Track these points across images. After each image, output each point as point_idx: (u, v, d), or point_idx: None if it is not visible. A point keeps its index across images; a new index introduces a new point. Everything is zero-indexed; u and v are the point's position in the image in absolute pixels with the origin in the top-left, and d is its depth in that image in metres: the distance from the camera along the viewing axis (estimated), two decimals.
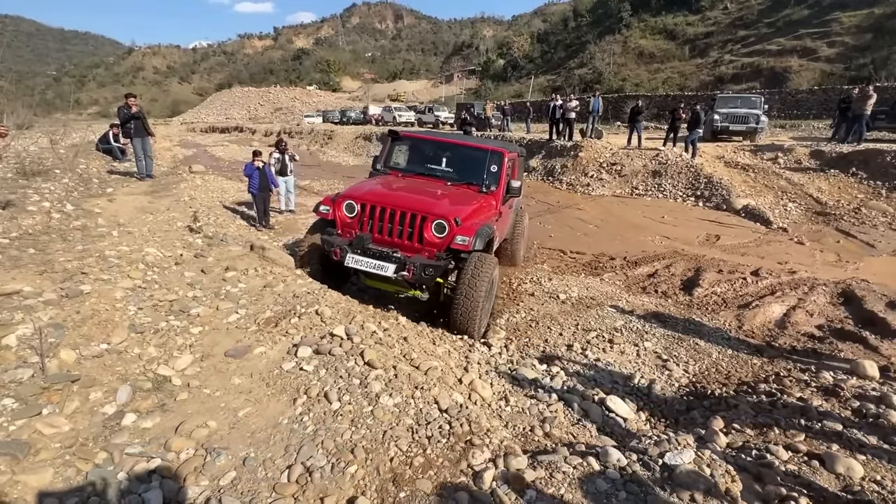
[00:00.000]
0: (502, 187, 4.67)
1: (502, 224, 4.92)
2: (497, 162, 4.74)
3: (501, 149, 4.85)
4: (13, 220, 4.34)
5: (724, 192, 10.23)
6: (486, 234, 3.89)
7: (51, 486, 1.50)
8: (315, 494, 1.62)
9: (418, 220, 3.75)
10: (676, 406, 3.29)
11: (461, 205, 4.10)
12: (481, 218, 4.11)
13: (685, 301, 5.29)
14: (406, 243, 3.80)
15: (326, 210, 4.07)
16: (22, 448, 1.56)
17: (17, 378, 1.89)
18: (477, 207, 4.22)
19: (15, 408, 1.74)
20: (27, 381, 1.88)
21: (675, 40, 45.11)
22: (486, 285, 3.66)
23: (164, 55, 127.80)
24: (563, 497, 1.60)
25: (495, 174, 4.69)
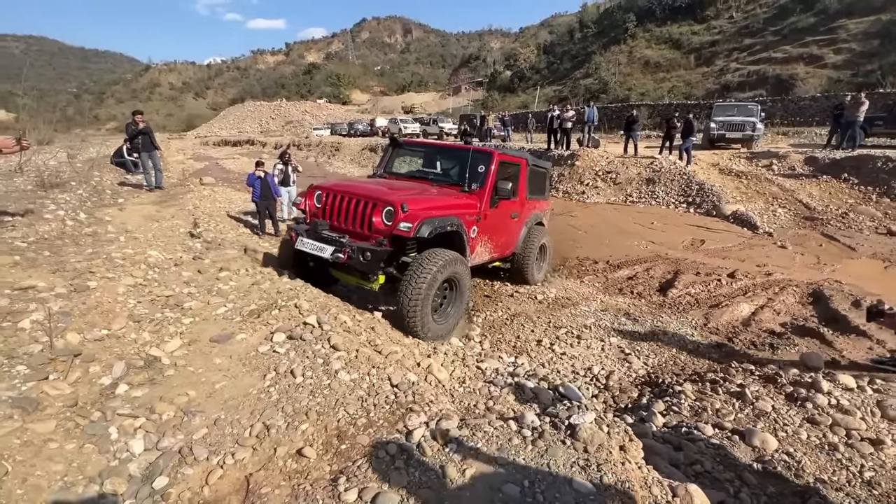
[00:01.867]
0: (488, 188, 4.47)
1: (490, 228, 4.63)
2: (484, 162, 4.57)
3: (491, 150, 4.78)
4: (31, 226, 4.78)
5: (714, 198, 10.42)
6: (437, 224, 3.72)
7: (53, 435, 1.83)
8: (270, 445, 1.94)
9: (369, 207, 3.76)
10: (629, 393, 3.55)
11: (420, 197, 4.04)
12: (444, 212, 3.96)
13: (658, 301, 5.52)
14: (357, 230, 3.82)
15: (299, 200, 4.35)
16: (31, 403, 1.91)
17: (29, 351, 2.25)
18: (441, 202, 4.10)
19: (26, 373, 2.09)
20: (37, 354, 2.24)
21: (681, 49, 45.35)
22: (427, 280, 3.50)
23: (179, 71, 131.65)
24: (479, 448, 1.89)
25: (481, 174, 4.51)
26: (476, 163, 4.59)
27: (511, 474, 1.74)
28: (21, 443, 1.75)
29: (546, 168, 6.23)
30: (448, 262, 3.73)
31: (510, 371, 3.60)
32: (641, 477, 1.78)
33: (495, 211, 4.65)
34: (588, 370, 3.91)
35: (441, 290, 3.90)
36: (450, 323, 4.03)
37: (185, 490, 1.71)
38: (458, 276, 3.92)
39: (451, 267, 3.78)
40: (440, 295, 3.94)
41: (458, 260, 3.88)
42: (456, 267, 3.84)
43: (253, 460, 1.87)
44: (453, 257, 3.80)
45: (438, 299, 3.93)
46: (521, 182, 5.23)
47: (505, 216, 4.96)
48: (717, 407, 3.00)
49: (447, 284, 3.95)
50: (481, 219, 4.42)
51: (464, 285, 4.05)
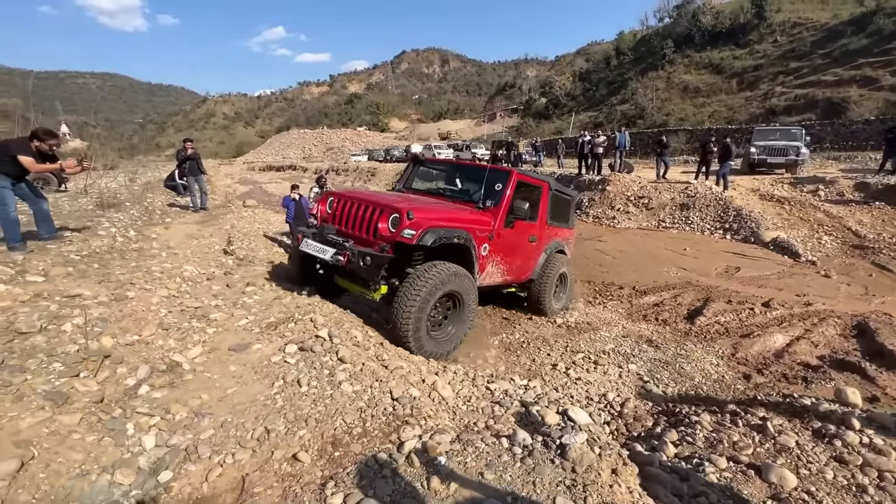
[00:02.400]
0: (503, 207, 4.34)
1: (504, 249, 4.46)
2: (502, 181, 4.48)
3: (510, 169, 4.72)
4: (85, 241, 5.25)
5: (753, 224, 9.99)
6: (442, 234, 3.58)
7: (77, 427, 2.01)
8: (269, 448, 2.03)
9: (376, 213, 3.71)
10: (643, 422, 3.42)
11: (429, 207, 3.97)
12: (453, 224, 3.83)
13: (684, 329, 5.32)
14: (363, 236, 3.78)
15: (313, 205, 4.54)
16: (61, 397, 2.10)
17: (66, 351, 2.48)
18: (452, 215, 3.98)
19: (61, 370, 2.31)
20: (72, 354, 2.46)
21: (722, 74, 44.42)
22: (423, 292, 3.37)
23: (232, 102, 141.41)
24: (468, 463, 1.91)
25: (497, 192, 4.41)
26: (493, 181, 4.51)
27: (495, 490, 1.75)
28: (49, 432, 1.93)
29: (571, 196, 6.07)
30: (449, 276, 3.57)
31: (521, 394, 3.56)
32: (630, 501, 1.73)
33: (510, 231, 4.47)
34: (603, 396, 3.81)
35: (443, 307, 3.79)
36: (449, 341, 3.84)
37: (186, 485, 1.82)
38: (461, 293, 3.74)
39: (453, 281, 3.60)
40: (442, 311, 3.82)
41: (462, 275, 3.71)
42: (459, 282, 3.67)
43: (251, 461, 1.96)
44: (455, 271, 3.64)
45: (440, 315, 3.81)
46: (542, 206, 5.11)
47: (521, 238, 4.78)
48: (735, 439, 2.85)
49: (450, 301, 3.81)
50: (494, 237, 4.25)
51: (468, 303, 3.86)
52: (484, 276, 4.30)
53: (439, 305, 3.70)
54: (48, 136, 4.66)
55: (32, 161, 4.48)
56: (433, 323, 3.70)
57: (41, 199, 4.93)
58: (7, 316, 2.91)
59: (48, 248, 4.69)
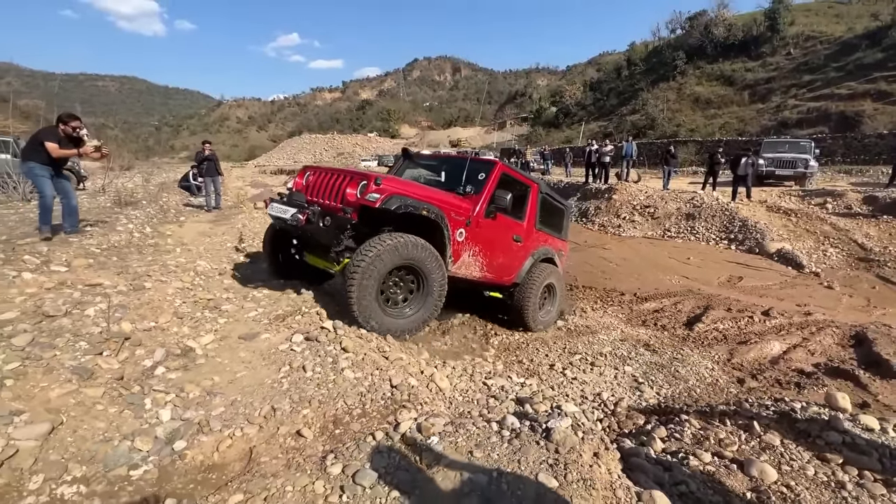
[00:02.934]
0: (484, 195, 4.21)
1: (483, 240, 4.26)
2: (485, 170, 4.41)
3: (495, 160, 4.67)
4: (104, 236, 5.49)
5: (758, 235, 10.02)
6: (410, 203, 3.42)
7: (100, 399, 2.18)
8: (274, 424, 2.19)
9: (346, 180, 3.62)
10: (635, 420, 3.51)
11: (403, 181, 3.91)
12: (426, 199, 3.68)
13: (682, 334, 5.39)
14: (330, 203, 3.68)
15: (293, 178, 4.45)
16: (87, 372, 2.28)
17: (90, 332, 2.67)
18: (427, 192, 3.86)
19: (86, 348, 2.49)
20: (96, 335, 2.65)
21: (734, 86, 44.31)
22: (369, 256, 3.20)
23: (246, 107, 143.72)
24: (458, 443, 2.04)
25: (480, 182, 4.31)
26: (477, 170, 4.44)
27: (483, 467, 1.88)
28: (75, 402, 2.10)
29: (565, 206, 5.92)
30: (403, 245, 3.33)
31: (517, 390, 3.68)
32: (608, 480, 1.86)
33: (491, 223, 4.30)
34: (597, 395, 3.91)
35: (405, 284, 3.65)
36: (407, 321, 3.61)
37: (198, 453, 1.98)
38: (422, 269, 3.53)
39: (411, 253, 3.38)
40: (404, 289, 3.67)
41: (424, 248, 3.49)
42: (419, 255, 3.44)
43: (258, 435, 2.12)
44: (415, 242, 3.41)
45: (400, 292, 3.66)
46: (529, 207, 4.97)
47: (503, 233, 4.58)
48: (721, 437, 2.94)
49: (413, 278, 3.64)
50: (472, 224, 4.07)
51: (432, 284, 3.64)
52: (459, 266, 4.09)
53: (401, 281, 3.59)
54: (70, 119, 4.98)
55: (55, 146, 4.78)
56: (391, 300, 3.57)
57: (73, 194, 5.25)
58: (34, 301, 3.11)
59: (70, 241, 4.93)
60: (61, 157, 4.88)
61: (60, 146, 4.83)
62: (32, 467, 1.72)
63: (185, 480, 1.84)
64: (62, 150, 4.88)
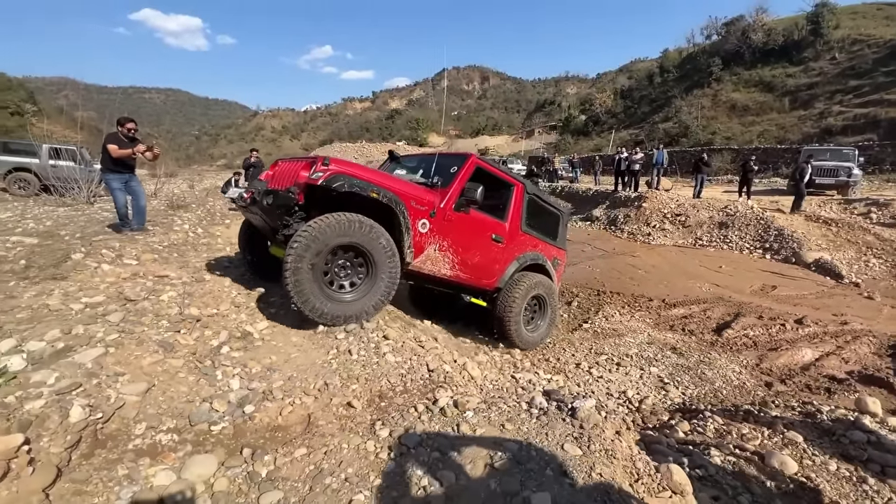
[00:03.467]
0: (453, 186, 3.95)
1: (452, 234, 3.98)
2: (457, 163, 4.18)
3: (469, 154, 4.43)
4: (165, 234, 6.02)
5: (795, 244, 9.77)
6: (356, 183, 3.22)
7: (181, 369, 2.53)
8: (328, 396, 2.48)
9: (302, 165, 3.49)
10: (659, 416, 3.63)
11: (361, 167, 3.66)
12: (383, 185, 3.45)
13: (710, 340, 5.42)
14: (283, 186, 3.53)
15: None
16: (169, 346, 2.64)
17: (168, 313, 3.05)
18: (388, 179, 3.66)
19: (167, 326, 2.87)
20: (174, 315, 3.03)
21: (773, 92, 42.88)
22: (307, 233, 3.00)
23: (280, 117, 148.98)
24: (492, 417, 2.27)
25: (451, 174, 4.07)
26: (449, 163, 4.24)
27: (513, 437, 2.10)
28: (162, 370, 2.46)
29: (559, 210, 5.47)
30: (344, 223, 3.10)
31: (544, 384, 3.86)
32: (629, 454, 2.04)
33: (463, 217, 4.03)
34: (622, 393, 4.04)
35: (353, 266, 3.37)
36: (349, 306, 3.27)
37: (265, 416, 2.29)
38: (369, 250, 3.26)
39: (350, 230, 3.14)
40: (352, 272, 3.38)
41: (371, 228, 3.24)
42: (363, 236, 3.20)
43: (315, 404, 2.41)
44: (357, 220, 3.17)
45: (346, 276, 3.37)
46: (513, 206, 4.61)
47: (479, 231, 4.25)
48: (744, 432, 3.04)
49: (362, 261, 3.36)
50: (436, 215, 3.81)
51: (381, 267, 3.34)
52: (423, 260, 3.80)
53: (350, 263, 3.34)
54: (126, 121, 5.63)
55: (115, 147, 5.40)
56: (336, 283, 3.31)
57: (143, 196, 5.87)
58: (116, 288, 3.55)
59: (137, 239, 5.45)
60: (121, 157, 5.45)
61: (120, 147, 5.41)
62: (135, 417, 2.06)
63: (255, 436, 2.14)
64: (121, 151, 5.46)
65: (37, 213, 7.52)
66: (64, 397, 1.94)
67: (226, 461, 1.91)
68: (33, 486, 1.52)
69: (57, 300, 3.15)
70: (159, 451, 1.93)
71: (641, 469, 1.96)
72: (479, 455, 1.97)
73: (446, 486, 1.80)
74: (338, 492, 1.78)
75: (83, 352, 2.36)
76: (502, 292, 4.59)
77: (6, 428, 1.68)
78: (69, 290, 3.39)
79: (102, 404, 2.01)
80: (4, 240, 4.88)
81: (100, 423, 1.93)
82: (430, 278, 4.09)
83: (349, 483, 1.82)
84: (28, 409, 1.82)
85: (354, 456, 1.98)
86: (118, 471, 1.74)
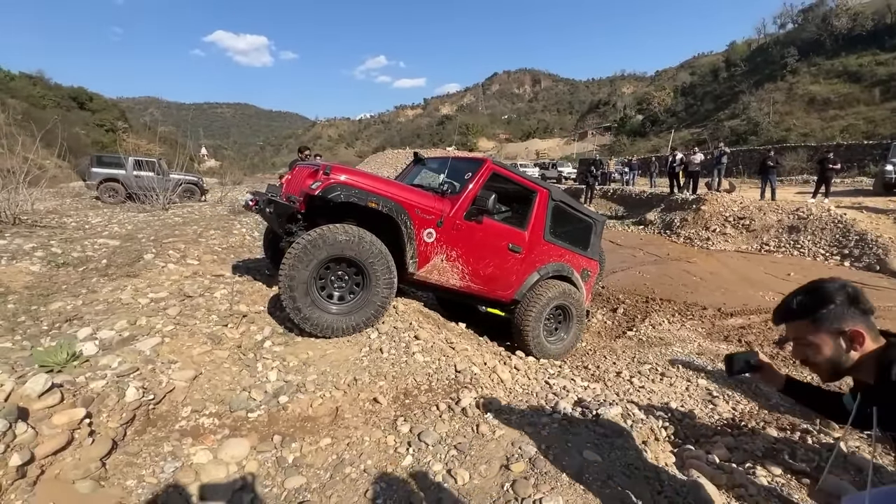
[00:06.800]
0: (465, 194, 3.76)
1: (463, 244, 3.82)
2: (471, 169, 3.99)
3: (485, 159, 4.22)
4: (225, 237, 6.53)
5: (879, 251, 8.78)
6: (354, 193, 3.16)
7: (226, 360, 2.75)
8: (356, 391, 2.58)
9: (312, 172, 3.43)
10: (703, 431, 3.41)
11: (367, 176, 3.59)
12: (387, 194, 3.39)
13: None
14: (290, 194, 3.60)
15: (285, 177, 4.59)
16: (217, 338, 2.88)
17: (218, 309, 3.33)
18: (393, 188, 3.54)
19: (216, 320, 3.13)
20: (223, 311, 3.30)
21: (860, 83, 38.83)
22: (298, 249, 2.96)
23: (337, 126, 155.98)
24: (513, 420, 2.26)
25: (465, 181, 3.90)
26: (463, 169, 4.09)
27: (532, 440, 2.09)
28: (209, 360, 2.69)
29: (592, 218, 5.06)
30: (336, 234, 3.04)
31: (579, 392, 3.76)
32: (652, 465, 1.95)
33: (475, 227, 3.84)
34: (665, 405, 3.83)
35: (350, 277, 3.29)
36: (343, 319, 3.20)
37: (297, 407, 2.43)
38: (363, 262, 3.18)
39: (349, 245, 3.09)
40: (348, 283, 3.30)
41: (367, 242, 3.15)
42: (359, 248, 3.12)
43: (343, 398, 2.52)
44: (351, 232, 3.11)
45: (342, 286, 3.28)
46: (534, 214, 4.32)
47: (493, 240, 4.03)
48: (799, 453, 2.79)
49: (359, 273, 3.27)
50: (444, 224, 3.66)
51: (377, 280, 3.24)
52: (429, 270, 3.69)
53: (346, 275, 3.27)
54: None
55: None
56: (332, 296, 3.25)
57: None
58: (178, 285, 3.91)
59: (199, 241, 5.96)
60: None
61: None
62: (183, 401, 2.27)
63: (287, 425, 2.28)
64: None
65: (121, 218, 8.43)
66: (123, 379, 2.18)
67: (258, 446, 2.06)
68: (93, 455, 1.74)
69: (128, 295, 3.53)
70: (201, 432, 2.11)
71: (665, 482, 1.87)
72: (495, 456, 1.98)
73: (460, 484, 1.82)
74: (356, 481, 1.86)
75: (144, 341, 2.64)
76: (520, 304, 4.36)
77: (72, 402, 1.93)
78: (139, 287, 3.79)
79: (155, 387, 2.24)
80: (93, 242, 5.53)
81: (151, 403, 2.16)
82: (438, 288, 3.99)
83: (367, 474, 1.90)
84: (91, 387, 2.07)
85: (375, 449, 2.06)
86: (164, 447, 1.93)
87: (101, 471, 1.72)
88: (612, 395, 3.89)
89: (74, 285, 3.83)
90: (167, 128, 75.79)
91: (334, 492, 1.80)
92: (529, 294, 4.35)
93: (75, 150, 26.19)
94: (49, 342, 2.60)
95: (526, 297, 4.35)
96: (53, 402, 1.88)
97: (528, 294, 4.35)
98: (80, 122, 45.02)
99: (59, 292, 3.63)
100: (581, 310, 4.81)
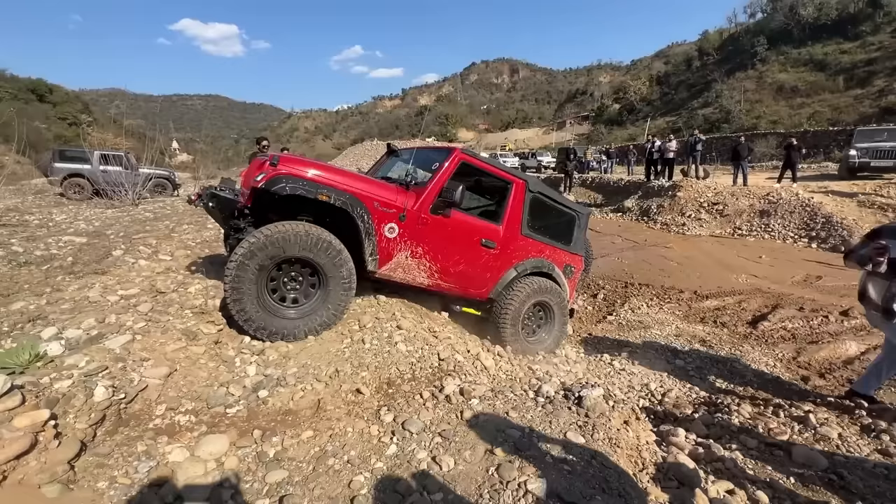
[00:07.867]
0: (430, 186, 3.49)
1: (429, 240, 3.54)
2: (438, 159, 3.71)
3: (454, 148, 3.86)
4: (199, 232, 6.34)
5: (844, 232, 9.15)
6: (301, 185, 2.95)
7: (202, 356, 2.67)
8: (338, 382, 2.54)
9: (258, 164, 3.26)
10: (683, 409, 3.50)
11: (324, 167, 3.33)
12: (343, 186, 3.14)
13: (743, 332, 5.17)
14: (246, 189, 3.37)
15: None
16: (192, 334, 2.79)
17: (193, 304, 3.22)
18: (352, 181, 3.27)
19: (190, 315, 3.03)
20: (198, 306, 3.20)
21: (825, 71, 40.16)
22: (246, 245, 2.79)
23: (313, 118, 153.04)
24: (497, 405, 2.26)
25: (432, 172, 3.64)
26: (431, 159, 3.83)
27: (516, 424, 2.09)
28: (184, 356, 2.60)
29: (574, 211, 4.69)
30: (285, 235, 2.84)
31: (562, 376, 3.81)
32: (635, 443, 1.99)
33: (443, 221, 3.56)
34: (645, 386, 3.93)
35: (305, 278, 3.11)
36: (294, 323, 3.01)
37: (277, 401, 2.38)
38: (318, 263, 3.01)
39: (302, 244, 2.89)
40: (304, 284, 3.12)
41: (321, 240, 2.97)
42: (312, 247, 2.94)
43: (325, 390, 2.48)
44: (309, 232, 2.92)
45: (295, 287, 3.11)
46: (510, 206, 4.01)
47: (463, 235, 3.74)
48: (772, 426, 2.89)
49: (313, 273, 3.10)
50: (407, 218, 3.40)
51: (333, 280, 3.07)
52: (392, 267, 3.43)
53: (300, 275, 3.10)
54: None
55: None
56: (285, 299, 3.07)
57: None
58: (149, 281, 3.77)
59: (172, 236, 5.77)
60: None
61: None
62: (157, 399, 2.19)
63: (267, 419, 2.23)
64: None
65: (88, 214, 8.08)
66: (90, 379, 2.09)
67: (237, 441, 2.01)
68: (59, 458, 1.66)
69: (96, 293, 3.38)
70: (177, 430, 2.04)
71: (647, 459, 1.91)
72: (479, 441, 1.98)
73: (445, 471, 1.81)
74: (339, 472, 1.83)
75: (113, 338, 2.53)
76: (496, 303, 4.08)
77: (35, 404, 1.83)
78: (108, 284, 3.63)
79: (126, 386, 2.15)
80: (57, 239, 5.29)
81: (123, 403, 2.07)
82: (405, 287, 3.75)
83: (351, 464, 1.87)
84: (56, 388, 1.98)
85: (358, 439, 2.03)
86: (137, 447, 1.86)
87: (69, 474, 1.64)
88: (593, 378, 3.96)
89: (38, 284, 3.65)
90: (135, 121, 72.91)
91: (317, 484, 1.77)
92: (505, 292, 4.06)
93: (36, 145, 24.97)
94: (10, 343, 2.47)
95: (502, 296, 4.06)
96: (14, 405, 1.78)
97: (503, 292, 4.06)
98: (40, 115, 42.92)
99: (20, 292, 3.45)
100: (564, 308, 4.49)
